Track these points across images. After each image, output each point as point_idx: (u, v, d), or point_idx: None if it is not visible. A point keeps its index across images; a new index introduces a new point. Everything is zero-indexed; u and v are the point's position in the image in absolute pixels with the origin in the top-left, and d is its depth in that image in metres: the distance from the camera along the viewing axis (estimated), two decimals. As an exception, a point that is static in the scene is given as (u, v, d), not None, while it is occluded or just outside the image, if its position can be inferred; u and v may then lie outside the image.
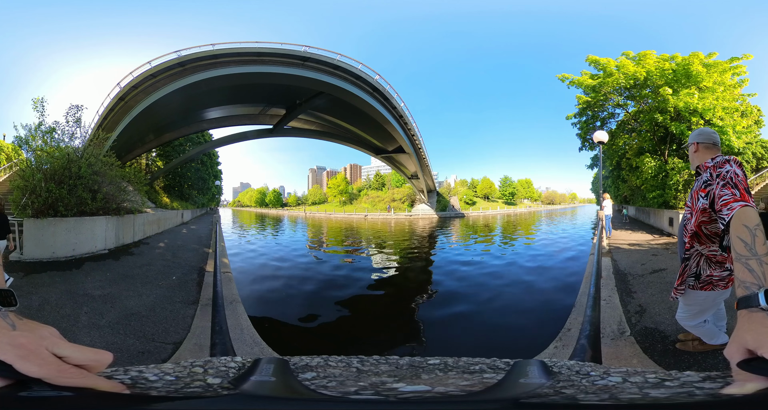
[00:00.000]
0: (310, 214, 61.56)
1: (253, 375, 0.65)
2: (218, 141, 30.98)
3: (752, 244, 0.95)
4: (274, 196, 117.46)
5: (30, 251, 6.70)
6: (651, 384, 0.57)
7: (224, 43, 23.74)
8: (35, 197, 6.95)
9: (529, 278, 8.26)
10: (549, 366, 0.75)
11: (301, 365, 0.79)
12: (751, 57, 12.61)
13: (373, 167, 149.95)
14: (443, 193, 55.66)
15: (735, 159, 1.86)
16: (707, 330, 2.39)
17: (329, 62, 22.41)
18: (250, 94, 24.40)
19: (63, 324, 3.62)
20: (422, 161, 38.70)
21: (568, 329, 3.72)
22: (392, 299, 7.37)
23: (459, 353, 1.15)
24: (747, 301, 0.72)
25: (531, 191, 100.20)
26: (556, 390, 0.59)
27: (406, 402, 0.53)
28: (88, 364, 0.49)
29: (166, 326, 3.75)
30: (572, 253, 11.65)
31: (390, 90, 26.69)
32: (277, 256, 12.39)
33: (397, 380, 0.67)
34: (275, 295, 7.21)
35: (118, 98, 19.69)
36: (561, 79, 15.51)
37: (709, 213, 1.90)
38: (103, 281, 5.33)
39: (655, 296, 4.26)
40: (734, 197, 1.53)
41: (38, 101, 8.14)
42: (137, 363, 0.86)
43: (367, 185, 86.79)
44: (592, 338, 1.81)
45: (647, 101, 13.83)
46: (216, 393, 0.56)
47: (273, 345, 3.53)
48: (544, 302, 6.28)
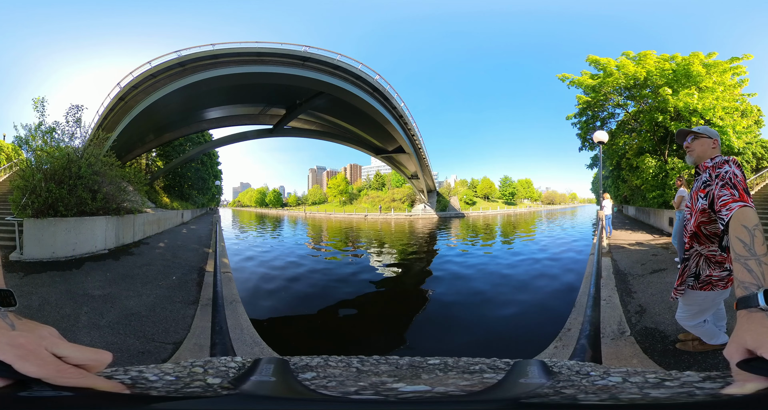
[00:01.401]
0: (310, 214, 61.54)
1: (253, 375, 0.65)
2: (218, 141, 30.97)
3: (751, 244, 0.95)
4: (274, 196, 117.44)
5: (30, 251, 6.70)
6: (651, 384, 0.57)
7: (224, 43, 23.78)
8: (35, 197, 6.94)
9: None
10: (549, 366, 0.75)
11: (301, 365, 0.79)
12: (751, 57, 12.61)
13: (373, 167, 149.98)
14: (443, 193, 55.64)
15: (734, 160, 1.86)
16: (707, 330, 2.39)
17: (329, 62, 22.40)
18: (250, 94, 24.39)
19: (63, 324, 3.62)
20: (422, 161, 38.70)
21: (568, 329, 3.72)
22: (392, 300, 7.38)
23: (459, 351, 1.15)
24: (746, 301, 0.72)
25: (531, 191, 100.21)
26: (556, 390, 0.59)
27: (406, 402, 0.53)
28: (87, 364, 0.49)
29: (166, 326, 3.75)
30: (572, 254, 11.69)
31: (390, 90, 26.70)
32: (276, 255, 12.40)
33: (397, 380, 0.67)
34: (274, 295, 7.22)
35: (118, 98, 19.68)
36: (561, 79, 15.51)
37: (708, 213, 1.90)
38: (103, 281, 5.33)
39: (655, 296, 4.26)
40: (733, 198, 1.53)
41: (38, 101, 8.14)
42: (137, 363, 0.86)
43: (367, 185, 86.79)
44: (592, 338, 1.81)
45: (647, 101, 13.83)
46: (216, 393, 0.56)
47: (273, 344, 3.53)
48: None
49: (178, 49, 20.17)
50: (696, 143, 2.11)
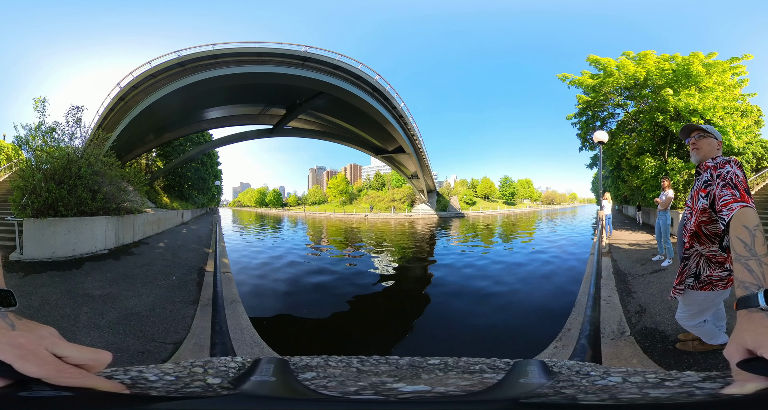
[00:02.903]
0: (309, 214, 61.56)
1: (253, 375, 0.65)
2: (218, 141, 30.97)
3: (752, 244, 0.95)
4: (274, 196, 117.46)
5: (30, 251, 6.70)
6: (651, 384, 0.57)
7: (224, 43, 23.77)
8: (35, 197, 6.94)
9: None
10: (549, 366, 0.75)
11: (301, 365, 0.79)
12: (751, 57, 12.61)
13: (373, 167, 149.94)
14: (443, 193, 55.66)
15: (735, 160, 1.86)
16: (707, 330, 2.39)
17: (329, 62, 22.40)
18: (250, 94, 24.39)
19: (63, 324, 3.62)
20: (422, 161, 38.70)
21: (568, 329, 3.72)
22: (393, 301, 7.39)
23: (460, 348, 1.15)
24: (746, 301, 0.72)
25: (531, 191, 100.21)
26: (556, 390, 0.59)
27: (406, 402, 0.53)
28: (87, 364, 0.49)
29: (166, 326, 3.75)
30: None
31: (390, 90, 26.70)
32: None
33: (397, 380, 0.67)
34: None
35: (118, 98, 19.68)
36: (561, 78, 15.52)
37: (709, 213, 1.90)
38: (103, 281, 5.33)
39: (655, 296, 4.26)
40: (734, 198, 1.53)
41: (39, 101, 8.13)
42: (137, 363, 0.86)
43: (367, 185, 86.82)
44: (592, 338, 1.81)
45: (647, 101, 13.83)
46: (216, 393, 0.56)
47: (272, 344, 3.53)
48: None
49: (178, 49, 20.19)
50: (703, 141, 2.10)
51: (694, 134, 2.16)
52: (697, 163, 2.12)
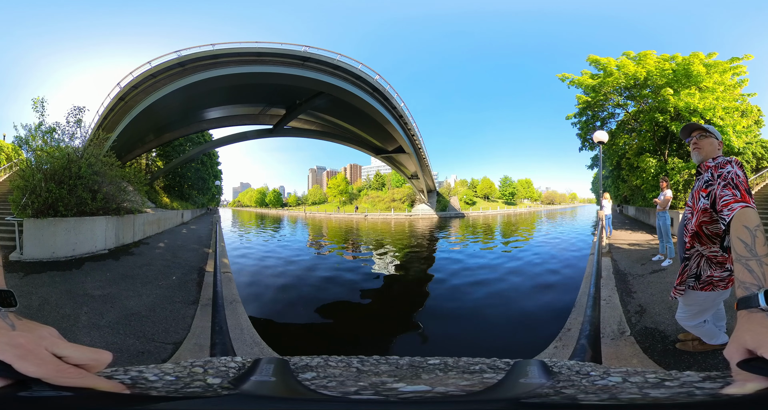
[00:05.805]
0: (310, 214, 61.53)
1: (253, 375, 0.65)
2: (218, 141, 30.97)
3: (752, 245, 0.95)
4: (274, 196, 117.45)
5: (30, 251, 6.70)
6: (651, 384, 0.56)
7: (224, 43, 23.77)
8: (35, 197, 6.94)
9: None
10: (549, 366, 0.75)
11: (301, 365, 0.79)
12: (752, 57, 12.62)
13: (373, 167, 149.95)
14: (443, 193, 55.62)
15: (736, 160, 1.86)
16: (707, 330, 2.39)
17: (329, 62, 22.39)
18: (250, 94, 24.39)
19: (63, 324, 3.61)
20: (422, 161, 38.69)
21: (568, 329, 3.72)
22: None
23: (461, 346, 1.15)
24: (747, 302, 0.72)
25: (531, 191, 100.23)
26: (556, 390, 0.59)
27: (406, 402, 0.53)
28: (87, 364, 0.49)
29: (166, 326, 3.75)
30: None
31: (390, 90, 26.69)
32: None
33: (397, 380, 0.67)
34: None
35: (118, 98, 19.68)
36: (561, 78, 15.52)
37: (710, 213, 1.90)
38: (103, 281, 5.33)
39: (655, 296, 4.26)
40: (735, 198, 1.53)
41: (38, 101, 8.14)
42: (137, 363, 0.85)
43: (367, 185, 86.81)
44: (592, 338, 1.81)
45: (647, 101, 13.84)
46: (216, 393, 0.56)
47: (272, 344, 3.53)
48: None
49: (178, 49, 20.19)
50: (705, 141, 2.10)
51: (695, 134, 2.15)
52: (697, 163, 2.11)
